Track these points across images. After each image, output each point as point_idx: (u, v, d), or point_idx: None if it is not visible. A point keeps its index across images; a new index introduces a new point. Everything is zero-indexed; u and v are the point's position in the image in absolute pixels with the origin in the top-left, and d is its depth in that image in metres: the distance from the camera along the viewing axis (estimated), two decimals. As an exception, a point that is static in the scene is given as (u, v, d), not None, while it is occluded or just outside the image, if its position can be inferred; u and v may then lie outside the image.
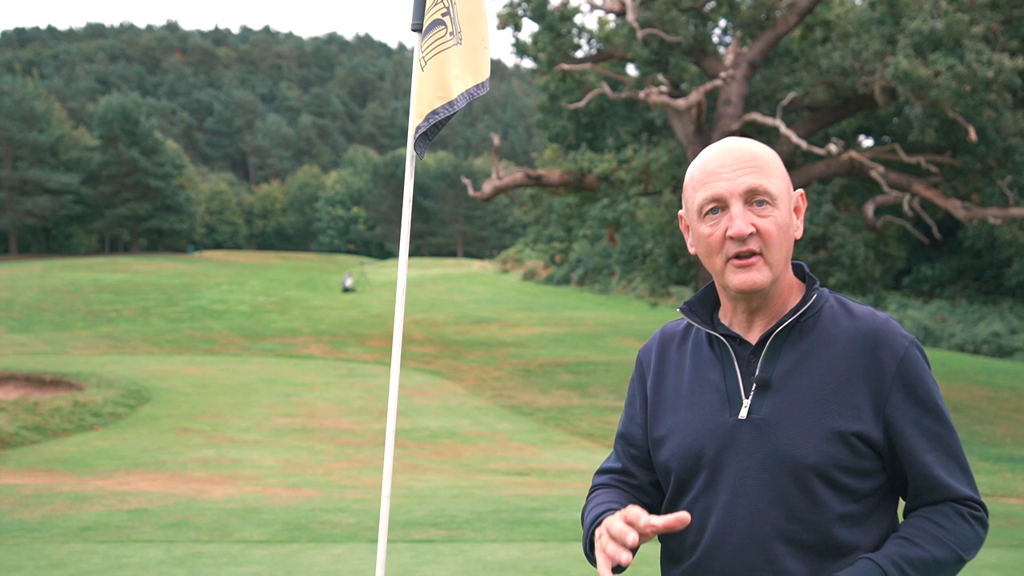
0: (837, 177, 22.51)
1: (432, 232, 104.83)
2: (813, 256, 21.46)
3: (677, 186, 22.98)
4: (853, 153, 21.34)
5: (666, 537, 1.95)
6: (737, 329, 1.94)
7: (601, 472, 2.13)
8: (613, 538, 1.77)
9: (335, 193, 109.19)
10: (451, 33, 3.58)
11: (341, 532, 8.34)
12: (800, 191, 1.97)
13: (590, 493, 2.10)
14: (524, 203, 30.03)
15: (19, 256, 76.12)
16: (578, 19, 25.20)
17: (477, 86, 3.64)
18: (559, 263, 47.30)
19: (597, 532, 1.86)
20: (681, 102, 21.63)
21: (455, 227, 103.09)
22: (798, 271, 1.98)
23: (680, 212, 1.99)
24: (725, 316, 1.97)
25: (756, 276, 1.84)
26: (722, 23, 25.30)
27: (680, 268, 25.53)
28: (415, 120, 3.62)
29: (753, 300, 1.89)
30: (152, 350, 28.06)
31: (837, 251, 21.19)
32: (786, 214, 1.87)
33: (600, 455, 14.70)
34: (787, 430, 1.81)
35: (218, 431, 16.21)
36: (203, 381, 21.77)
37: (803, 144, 20.69)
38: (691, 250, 1.96)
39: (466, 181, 25.26)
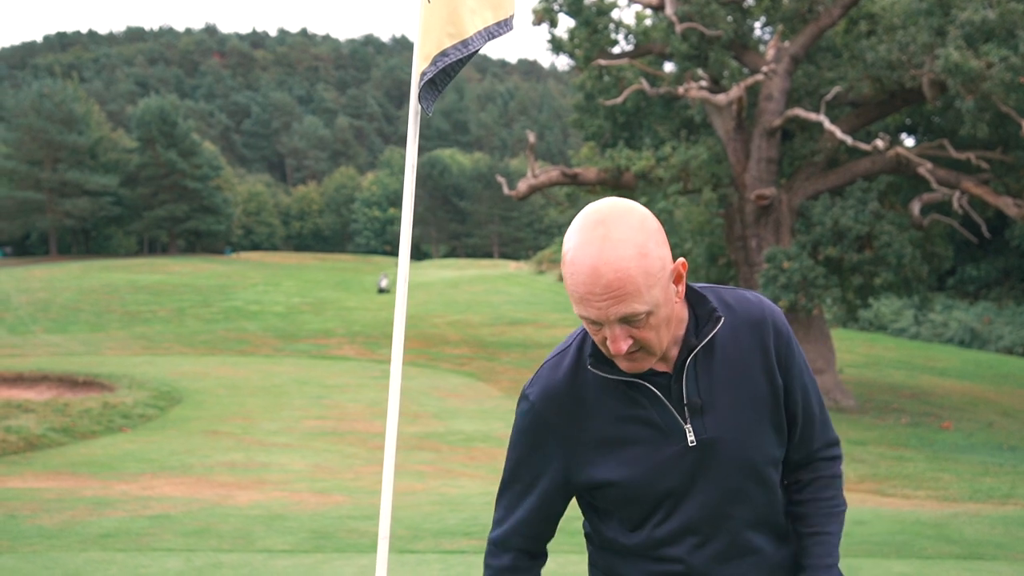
0: (883, 174, 21.89)
1: (468, 233, 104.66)
2: (858, 255, 20.84)
3: (717, 184, 22.45)
4: (900, 149, 20.72)
5: (637, 551, 2.03)
6: None
7: (521, 558, 2.12)
8: None
9: (371, 194, 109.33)
10: None
11: (368, 541, 7.96)
12: (681, 260, 1.91)
13: (509, 569, 2.10)
14: (560, 203, 29.59)
15: (59, 257, 76.84)
16: (615, 14, 24.75)
17: (499, 24, 2.96)
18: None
19: None
20: (721, 97, 21.12)
21: (491, 228, 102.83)
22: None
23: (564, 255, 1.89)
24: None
25: (642, 365, 1.90)
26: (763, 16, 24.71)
27: (719, 268, 25.00)
28: (420, 64, 2.95)
29: None
30: (186, 351, 27.93)
31: (883, 250, 20.55)
32: (663, 308, 1.86)
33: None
34: (738, 441, 1.95)
35: (248, 434, 15.93)
36: (235, 382, 21.55)
37: (848, 140, 20.12)
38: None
39: (501, 180, 24.88)
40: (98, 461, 13.18)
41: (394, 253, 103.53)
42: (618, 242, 1.78)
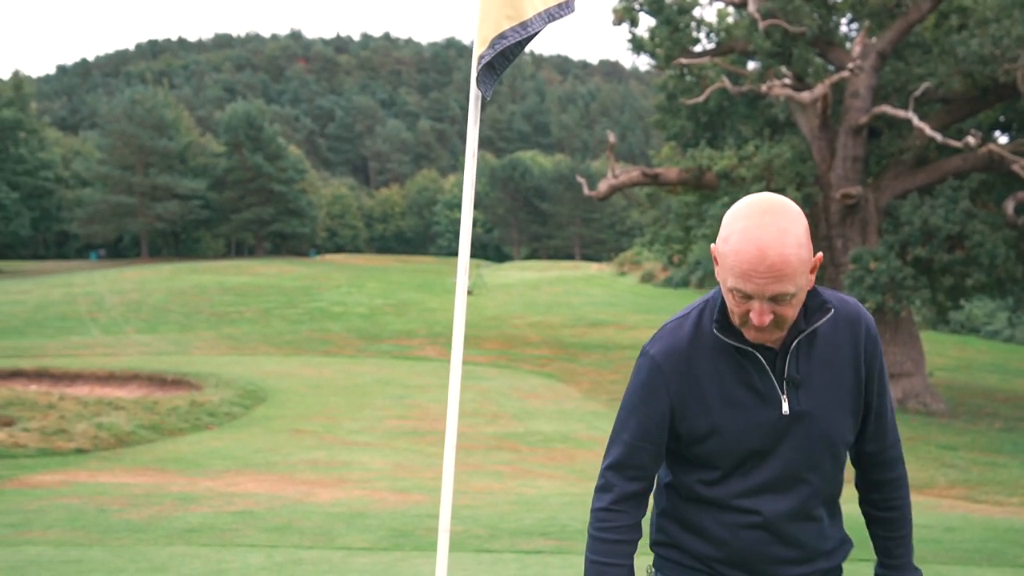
0: (975, 172, 21.26)
1: (549, 234, 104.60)
2: (949, 256, 20.27)
3: (801, 183, 22.06)
4: (993, 146, 20.11)
5: (718, 502, 2.29)
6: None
7: (624, 498, 2.33)
8: None
9: (453, 197, 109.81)
10: None
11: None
12: (819, 254, 2.17)
13: (613, 507, 2.33)
14: (641, 203, 29.39)
15: (150, 259, 78.81)
16: (696, 12, 24.45)
17: (559, 5, 2.92)
18: (677, 264, 46.35)
19: None
20: (806, 95, 20.75)
21: (572, 229, 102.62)
22: None
23: (713, 246, 2.19)
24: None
25: (769, 337, 2.18)
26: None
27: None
28: (478, 47, 2.93)
29: None
30: (271, 351, 28.40)
31: (975, 250, 19.95)
32: (803, 292, 2.14)
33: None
34: (823, 417, 2.24)
35: (330, 432, 16.12)
36: (318, 382, 21.84)
37: (938, 137, 19.60)
38: (717, 277, 2.22)
39: (581, 180, 24.81)
40: (185, 458, 13.46)
41: (476, 255, 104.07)
42: (783, 230, 2.07)
